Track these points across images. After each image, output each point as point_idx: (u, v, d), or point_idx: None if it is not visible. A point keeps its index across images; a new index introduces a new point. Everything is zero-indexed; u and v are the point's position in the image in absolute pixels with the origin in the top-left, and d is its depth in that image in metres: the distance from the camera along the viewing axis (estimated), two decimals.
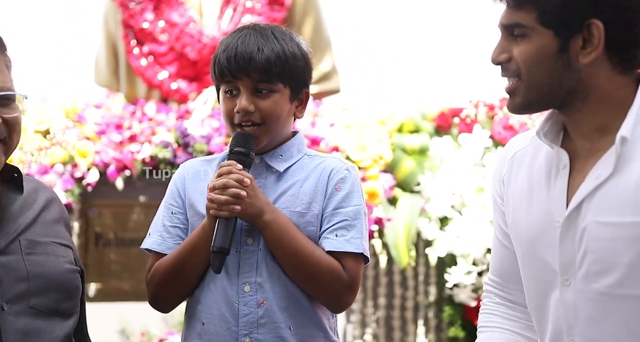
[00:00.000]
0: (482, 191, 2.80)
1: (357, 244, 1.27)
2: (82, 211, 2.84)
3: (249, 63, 1.25)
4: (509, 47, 1.11)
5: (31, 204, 1.20)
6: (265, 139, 1.28)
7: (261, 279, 1.25)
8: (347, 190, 1.28)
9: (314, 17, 3.25)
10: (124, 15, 3.10)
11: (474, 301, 2.72)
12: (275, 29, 1.30)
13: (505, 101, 3.30)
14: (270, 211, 1.25)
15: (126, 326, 2.80)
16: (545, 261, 1.12)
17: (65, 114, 2.92)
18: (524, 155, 1.18)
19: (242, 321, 1.24)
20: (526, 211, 1.14)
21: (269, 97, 1.27)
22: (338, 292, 1.26)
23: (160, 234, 1.32)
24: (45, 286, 1.15)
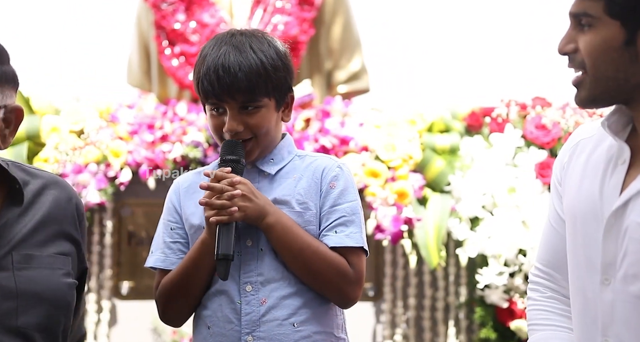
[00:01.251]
0: (514, 191, 2.77)
1: (357, 238, 1.28)
2: (115, 210, 2.88)
3: (232, 86, 1.26)
4: (576, 37, 1.09)
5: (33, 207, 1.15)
6: (256, 151, 1.30)
7: (262, 278, 1.26)
8: (341, 187, 1.30)
9: (343, 16, 3.25)
10: (156, 16, 3.14)
11: (505, 302, 2.69)
12: (252, 39, 1.30)
13: (538, 100, 3.29)
14: (272, 212, 1.26)
15: (158, 324, 2.83)
16: (587, 256, 1.10)
17: (99, 114, 2.96)
18: (587, 144, 1.15)
19: (244, 319, 1.25)
20: (576, 194, 1.12)
21: (256, 113, 1.28)
22: (346, 288, 1.27)
23: (162, 250, 1.33)
24: (36, 303, 1.11)
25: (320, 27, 3.23)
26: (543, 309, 1.20)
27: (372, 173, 2.76)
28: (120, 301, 2.87)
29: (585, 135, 1.17)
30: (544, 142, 2.87)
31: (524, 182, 2.78)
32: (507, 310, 2.71)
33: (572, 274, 1.13)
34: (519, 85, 3.45)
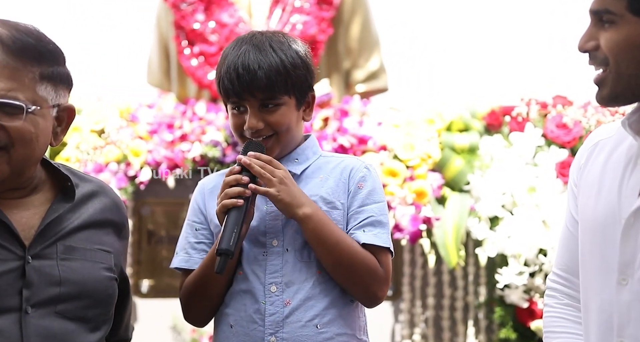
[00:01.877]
0: (534, 191, 2.75)
1: (384, 238, 1.29)
2: (135, 209, 2.91)
3: (252, 84, 1.27)
4: (597, 35, 1.08)
5: (81, 208, 1.21)
6: (277, 149, 1.31)
7: (287, 279, 1.27)
8: (369, 187, 1.30)
9: (362, 16, 3.25)
10: (176, 16, 3.16)
11: (525, 302, 2.67)
12: (272, 39, 1.32)
13: (558, 99, 3.25)
14: (309, 204, 1.27)
15: (178, 322, 2.85)
16: (604, 257, 1.08)
17: (120, 113, 2.99)
18: (606, 144, 1.15)
19: (268, 320, 1.26)
20: (594, 201, 1.11)
21: (276, 110, 1.29)
22: (375, 285, 1.28)
23: (186, 251, 1.35)
24: (77, 292, 1.16)
25: (339, 27, 3.23)
26: (559, 317, 1.19)
27: (391, 172, 2.75)
28: (140, 299, 2.89)
29: (604, 135, 1.16)
30: (564, 142, 2.84)
31: (544, 181, 2.76)
32: (527, 310, 2.69)
33: (587, 275, 1.12)
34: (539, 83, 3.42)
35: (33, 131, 1.15)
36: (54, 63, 1.18)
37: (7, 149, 1.14)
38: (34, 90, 1.15)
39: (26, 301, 1.12)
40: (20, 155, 1.15)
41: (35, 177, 1.20)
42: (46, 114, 1.17)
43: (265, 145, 1.30)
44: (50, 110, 1.18)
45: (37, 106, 1.15)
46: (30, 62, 1.15)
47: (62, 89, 1.20)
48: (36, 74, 1.16)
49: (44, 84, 1.16)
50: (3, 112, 1.13)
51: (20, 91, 1.14)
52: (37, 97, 1.16)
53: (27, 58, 1.15)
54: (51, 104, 1.18)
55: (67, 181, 1.22)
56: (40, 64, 1.16)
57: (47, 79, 1.17)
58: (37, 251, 1.16)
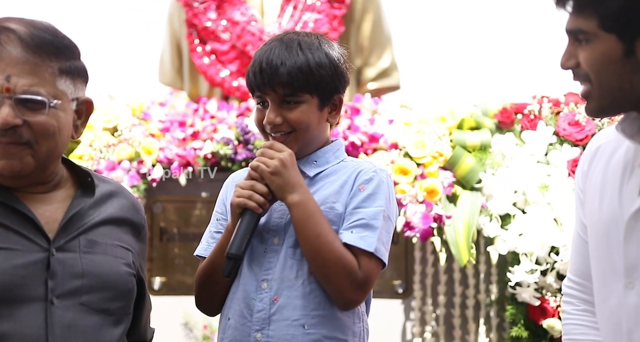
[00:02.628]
0: (546, 189, 2.73)
1: (369, 242, 1.26)
2: (147, 206, 2.92)
3: (272, 78, 1.29)
4: (576, 53, 1.10)
5: (101, 206, 1.24)
6: (295, 146, 1.31)
7: (278, 277, 1.27)
8: (370, 191, 1.29)
9: (374, 13, 3.24)
10: (188, 14, 3.17)
11: (537, 301, 2.67)
12: (302, 39, 1.32)
13: (571, 96, 3.23)
14: (301, 192, 1.27)
15: (189, 319, 2.87)
16: (611, 261, 1.09)
17: (132, 111, 3.01)
18: (606, 148, 1.15)
19: (255, 316, 1.26)
20: (598, 206, 1.12)
21: (295, 108, 1.30)
22: (348, 287, 1.26)
23: (207, 240, 1.38)
24: (99, 284, 1.19)
25: (350, 25, 3.22)
26: (579, 324, 1.19)
27: (402, 170, 2.75)
28: (152, 296, 2.89)
29: (603, 140, 1.17)
30: (577, 139, 2.83)
31: (557, 179, 2.74)
32: (539, 308, 2.68)
33: (597, 281, 1.12)
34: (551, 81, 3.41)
35: (56, 125, 1.18)
36: (70, 57, 1.20)
37: (31, 144, 1.16)
38: (54, 84, 1.17)
39: (51, 292, 1.15)
40: (44, 150, 1.17)
41: (57, 173, 1.23)
42: (67, 108, 1.19)
43: (283, 141, 1.31)
44: (70, 103, 1.20)
45: (58, 100, 1.18)
46: (49, 57, 1.17)
47: (80, 83, 1.22)
48: (55, 69, 1.18)
49: (63, 78, 1.18)
50: (26, 107, 1.16)
51: (41, 86, 1.16)
52: (57, 92, 1.18)
53: (45, 53, 1.17)
54: (71, 98, 1.20)
55: (88, 176, 1.24)
56: (59, 59, 1.18)
57: (66, 73, 1.19)
58: (61, 244, 1.18)
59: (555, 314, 2.67)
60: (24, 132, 1.15)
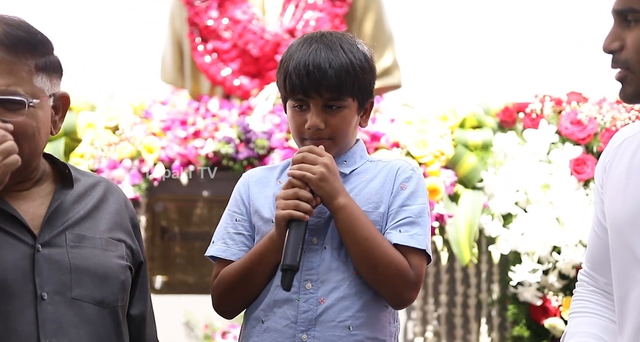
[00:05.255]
0: (548, 188, 2.73)
1: (420, 240, 1.27)
2: (149, 205, 2.92)
3: (321, 81, 1.26)
4: (622, 35, 1.07)
5: (85, 199, 1.23)
6: (332, 152, 1.29)
7: (323, 277, 1.26)
8: (412, 189, 1.29)
9: (375, 12, 3.24)
10: (190, 13, 3.17)
11: (539, 300, 2.66)
12: (342, 39, 1.31)
13: (573, 95, 3.22)
14: (345, 195, 1.26)
15: (190, 318, 2.87)
16: (633, 253, 1.08)
17: (133, 110, 3.00)
18: (631, 142, 1.14)
19: (301, 317, 1.25)
20: (621, 199, 1.11)
21: (338, 113, 1.28)
22: (402, 287, 1.25)
23: (225, 241, 1.33)
24: (88, 278, 1.18)
25: (352, 23, 3.22)
26: (584, 299, 1.21)
27: None
28: (153, 295, 2.89)
29: (628, 134, 1.16)
30: (579, 138, 2.82)
31: (558, 178, 2.74)
32: (541, 308, 2.68)
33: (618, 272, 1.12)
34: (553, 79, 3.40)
35: (35, 125, 1.17)
36: (45, 53, 1.19)
37: None
38: (31, 83, 1.16)
39: (40, 288, 1.14)
40: (25, 151, 1.16)
41: (39, 169, 1.22)
42: (44, 105, 1.18)
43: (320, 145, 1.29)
44: (48, 100, 1.19)
45: (36, 99, 1.16)
46: (25, 55, 1.16)
47: (56, 78, 1.21)
48: (32, 67, 1.16)
49: (39, 75, 1.17)
50: (4, 108, 1.14)
51: (19, 85, 1.15)
52: (35, 90, 1.17)
53: (21, 51, 1.15)
54: (48, 94, 1.19)
55: (65, 168, 1.24)
56: (34, 56, 1.17)
57: (42, 69, 1.18)
58: (47, 239, 1.17)
59: (557, 313, 2.67)
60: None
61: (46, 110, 1.19)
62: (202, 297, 2.90)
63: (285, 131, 2.93)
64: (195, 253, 2.95)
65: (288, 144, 2.90)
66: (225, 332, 2.80)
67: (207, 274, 2.96)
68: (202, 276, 2.94)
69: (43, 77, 1.18)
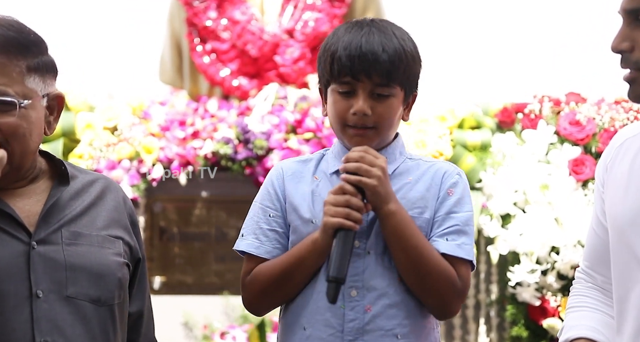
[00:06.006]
0: (547, 188, 2.73)
1: (467, 250, 1.22)
2: (148, 206, 2.92)
3: (373, 65, 1.20)
4: (632, 35, 1.05)
5: (82, 196, 1.22)
6: (373, 143, 1.23)
7: (368, 284, 1.20)
8: (459, 195, 1.24)
9: (374, 13, 3.24)
10: (188, 13, 3.17)
11: (537, 300, 2.66)
12: (393, 25, 1.24)
13: (571, 95, 3.22)
14: (396, 201, 1.20)
15: (189, 319, 2.87)
16: (634, 253, 1.08)
17: (132, 111, 3.00)
18: (633, 142, 1.13)
19: (347, 326, 1.20)
20: (622, 198, 1.10)
21: (385, 101, 1.22)
22: (450, 298, 1.21)
23: (257, 236, 1.26)
24: (84, 275, 1.17)
25: None
26: (581, 295, 1.20)
27: None
28: (152, 295, 2.90)
29: (630, 134, 1.15)
30: (577, 139, 2.82)
31: (557, 179, 2.74)
32: (539, 308, 2.68)
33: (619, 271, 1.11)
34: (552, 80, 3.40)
35: (26, 126, 1.16)
36: (38, 53, 1.17)
37: (2, 145, 1.14)
38: (22, 83, 1.15)
39: (35, 286, 1.14)
40: (17, 151, 1.15)
41: (34, 167, 1.21)
42: (37, 106, 1.17)
43: (364, 134, 1.21)
44: (41, 100, 1.18)
45: (28, 100, 1.15)
46: (16, 56, 1.15)
47: (50, 78, 1.20)
48: (23, 68, 1.15)
49: (31, 76, 1.16)
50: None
51: (9, 86, 1.14)
52: (26, 90, 1.16)
53: (12, 52, 1.14)
54: (41, 95, 1.18)
55: (62, 165, 1.23)
56: (26, 57, 1.16)
57: (35, 70, 1.17)
58: (42, 237, 1.17)
59: (556, 313, 2.67)
60: None
61: (39, 111, 1.18)
62: (201, 298, 2.90)
63: (284, 132, 2.93)
64: (194, 253, 2.95)
65: (287, 145, 2.90)
66: (224, 332, 2.80)
67: (205, 274, 2.96)
68: (201, 277, 2.94)
69: (35, 78, 1.16)
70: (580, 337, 1.15)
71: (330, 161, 1.27)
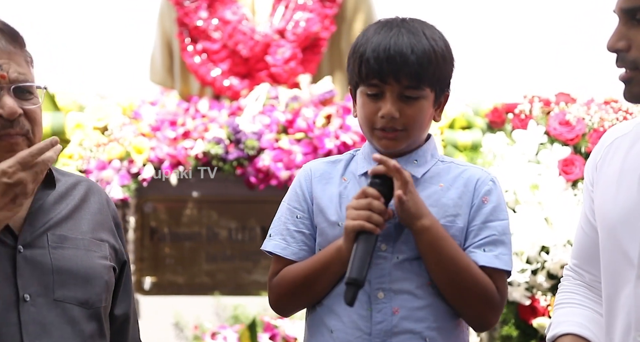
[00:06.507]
0: (537, 188, 2.74)
1: (506, 261, 1.19)
2: (138, 206, 2.91)
3: (401, 67, 1.18)
4: (629, 34, 1.04)
5: (66, 199, 1.21)
6: (403, 145, 1.21)
7: (395, 286, 1.19)
8: (494, 203, 1.20)
9: (365, 13, 3.25)
10: (179, 13, 3.16)
11: (527, 300, 2.67)
12: (424, 25, 1.23)
13: (561, 96, 3.23)
14: (428, 215, 1.18)
15: (180, 319, 2.86)
16: (624, 252, 1.08)
17: (122, 111, 2.99)
18: (623, 142, 1.13)
19: (375, 328, 1.19)
20: (613, 197, 1.10)
21: (415, 103, 1.20)
22: (488, 311, 1.18)
23: (284, 237, 1.25)
24: (71, 279, 1.16)
25: (342, 24, 3.22)
26: (569, 291, 1.21)
27: None
28: (142, 296, 2.90)
29: (619, 133, 1.15)
30: (567, 139, 2.84)
31: (547, 179, 2.75)
32: (529, 307, 2.69)
33: (608, 271, 1.12)
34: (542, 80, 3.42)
35: (40, 114, 1.18)
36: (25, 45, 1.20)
37: (28, 134, 1.15)
38: (31, 73, 1.18)
39: (22, 290, 1.13)
40: (37, 141, 1.16)
41: None
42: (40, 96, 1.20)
43: (393, 137, 1.20)
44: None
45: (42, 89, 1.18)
46: (21, 46, 1.17)
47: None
48: (27, 58, 1.18)
49: (31, 67, 1.19)
50: (23, 98, 1.15)
51: (27, 74, 1.16)
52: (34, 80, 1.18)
53: (18, 43, 1.17)
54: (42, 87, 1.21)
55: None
56: (23, 48, 1.18)
57: (31, 62, 1.19)
58: (28, 241, 1.16)
59: (546, 313, 2.68)
60: (24, 122, 1.14)
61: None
62: (192, 298, 2.89)
63: (275, 132, 2.93)
64: (184, 254, 2.94)
65: (278, 145, 2.90)
66: (215, 332, 2.79)
67: (196, 274, 2.95)
68: (192, 277, 2.93)
69: (32, 69, 1.19)
70: (568, 333, 1.16)
71: (360, 162, 1.25)
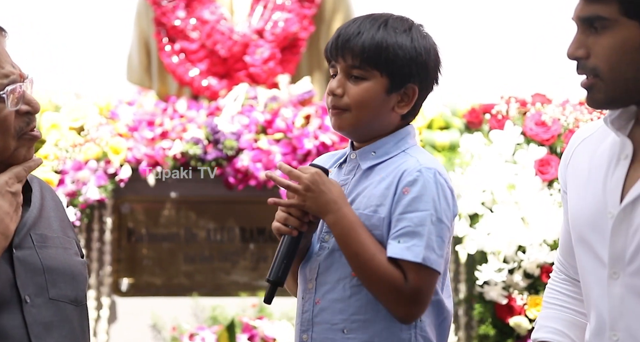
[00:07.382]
0: (514, 188, 2.77)
1: (416, 252, 1.18)
2: (115, 207, 2.89)
3: (344, 46, 1.23)
4: (587, 42, 1.06)
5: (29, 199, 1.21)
6: (347, 127, 1.23)
7: (321, 278, 1.22)
8: (414, 194, 1.20)
9: (344, 13, 3.25)
10: (157, 13, 3.14)
11: (504, 299, 2.70)
12: (392, 19, 1.27)
13: (537, 97, 3.26)
14: (335, 211, 1.20)
15: (158, 320, 2.84)
16: (594, 251, 1.10)
17: (99, 111, 2.97)
18: (589, 143, 1.15)
19: (302, 317, 1.23)
20: (581, 198, 1.12)
21: (359, 83, 1.22)
22: (394, 303, 1.19)
23: None
24: (60, 277, 1.18)
25: (321, 24, 3.23)
26: (555, 289, 1.23)
27: None
28: (119, 297, 2.88)
29: (586, 134, 1.17)
30: (543, 139, 2.87)
31: (524, 179, 2.78)
32: (506, 306, 2.72)
33: (582, 271, 1.14)
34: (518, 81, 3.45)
35: None
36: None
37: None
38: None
39: (22, 290, 1.14)
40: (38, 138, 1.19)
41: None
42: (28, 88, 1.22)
43: (337, 115, 1.23)
44: None
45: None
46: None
47: None
48: None
49: None
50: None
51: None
52: None
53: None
54: None
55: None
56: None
57: None
58: (17, 242, 1.17)
59: (522, 312, 2.71)
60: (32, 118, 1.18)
61: None
62: (170, 299, 2.87)
63: (254, 132, 2.92)
64: (162, 255, 2.93)
65: (257, 145, 2.90)
66: (193, 334, 2.78)
67: (174, 275, 2.94)
68: (170, 278, 2.91)
69: None
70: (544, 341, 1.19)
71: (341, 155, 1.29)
